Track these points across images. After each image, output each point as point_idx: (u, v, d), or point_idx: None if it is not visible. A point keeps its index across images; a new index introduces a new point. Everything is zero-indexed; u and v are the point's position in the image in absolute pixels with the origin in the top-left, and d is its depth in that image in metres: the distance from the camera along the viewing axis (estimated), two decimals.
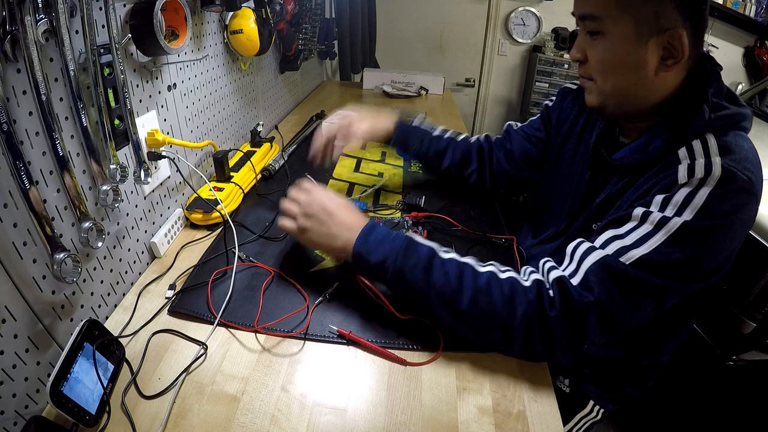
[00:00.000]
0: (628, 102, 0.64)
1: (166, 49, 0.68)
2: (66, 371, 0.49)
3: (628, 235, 0.57)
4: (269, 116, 1.45)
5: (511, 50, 2.85)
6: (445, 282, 0.60)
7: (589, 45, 0.63)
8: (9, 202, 0.48)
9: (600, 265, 0.56)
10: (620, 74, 0.62)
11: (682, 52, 0.58)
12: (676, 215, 0.54)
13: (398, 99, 1.89)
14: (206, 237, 0.86)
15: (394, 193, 1.05)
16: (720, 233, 0.54)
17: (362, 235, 0.64)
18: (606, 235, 0.59)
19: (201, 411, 0.54)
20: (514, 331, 0.57)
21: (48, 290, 0.55)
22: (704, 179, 0.54)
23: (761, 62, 2.74)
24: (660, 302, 0.57)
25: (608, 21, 0.59)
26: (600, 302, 0.55)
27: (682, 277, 0.56)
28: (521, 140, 0.94)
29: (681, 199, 0.55)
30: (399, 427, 0.53)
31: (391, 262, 0.61)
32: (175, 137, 0.85)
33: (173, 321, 0.67)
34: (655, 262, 0.54)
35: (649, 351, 0.79)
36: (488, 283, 0.59)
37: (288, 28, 1.35)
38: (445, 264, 0.61)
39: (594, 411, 0.86)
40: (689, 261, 0.55)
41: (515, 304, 0.57)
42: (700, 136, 0.58)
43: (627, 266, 0.55)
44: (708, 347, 1.36)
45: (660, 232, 0.55)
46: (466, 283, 0.59)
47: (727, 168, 0.54)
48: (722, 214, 0.53)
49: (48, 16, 0.48)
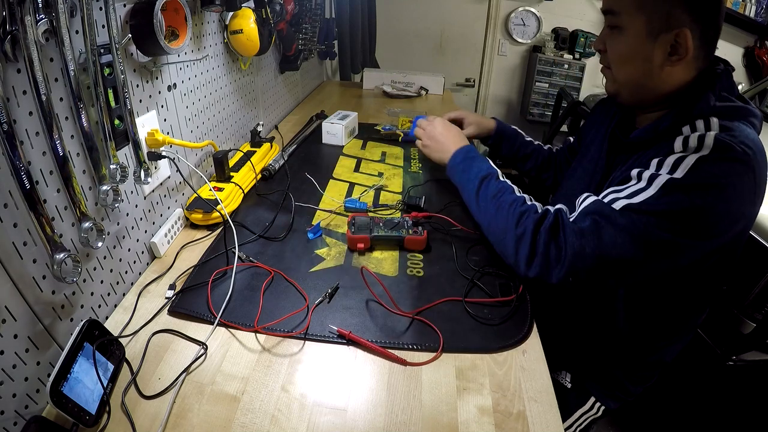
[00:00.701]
0: (638, 91, 0.71)
1: (166, 49, 0.68)
2: (66, 371, 0.49)
3: (623, 190, 0.64)
4: (269, 116, 1.45)
5: (511, 50, 2.86)
6: (490, 191, 0.78)
7: (608, 37, 0.71)
8: (9, 202, 0.48)
9: (592, 206, 0.65)
10: (631, 65, 0.69)
11: (687, 50, 0.63)
12: (668, 174, 0.60)
13: (398, 99, 1.89)
14: (206, 237, 0.86)
15: (394, 193, 1.05)
16: (709, 194, 0.57)
17: (452, 159, 0.91)
18: (607, 191, 0.67)
19: (201, 411, 0.54)
20: (512, 235, 0.70)
21: (48, 290, 0.55)
22: (697, 148, 0.60)
23: (761, 62, 2.75)
24: (647, 253, 0.61)
25: (625, 17, 0.66)
26: (583, 230, 0.63)
27: (668, 229, 0.59)
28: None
29: (673, 161, 0.60)
30: (399, 427, 0.53)
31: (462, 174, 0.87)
32: (175, 137, 0.85)
33: (173, 321, 0.67)
34: (641, 211, 0.60)
35: (656, 347, 0.80)
36: (514, 200, 0.74)
37: (288, 28, 1.35)
38: (499, 181, 0.80)
39: (594, 408, 0.86)
40: (675, 214, 0.58)
41: (522, 218, 0.70)
42: (704, 117, 0.63)
43: (615, 210, 0.62)
44: (708, 347, 1.36)
45: (651, 186, 0.60)
46: (500, 196, 0.76)
47: (721, 139, 0.59)
48: (711, 176, 0.57)
49: (48, 16, 0.48)
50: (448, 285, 0.74)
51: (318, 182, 1.05)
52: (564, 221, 0.66)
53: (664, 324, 0.78)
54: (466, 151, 0.91)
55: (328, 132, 1.31)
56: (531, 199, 0.75)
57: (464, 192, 0.85)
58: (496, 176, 0.81)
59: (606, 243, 0.61)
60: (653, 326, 0.78)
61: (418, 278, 0.76)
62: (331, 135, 1.31)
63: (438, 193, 1.04)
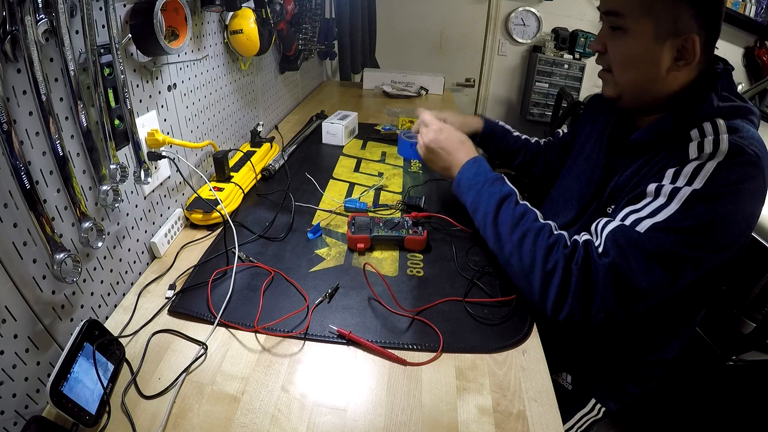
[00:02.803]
0: (641, 95, 0.69)
1: (166, 49, 0.68)
2: (66, 371, 0.49)
3: (643, 208, 0.61)
4: (269, 116, 1.45)
5: (511, 50, 2.85)
6: (510, 216, 0.70)
7: (610, 39, 0.68)
8: (9, 202, 0.48)
9: (616, 233, 0.61)
10: (636, 69, 0.66)
11: (694, 55, 0.62)
12: (687, 185, 0.58)
13: (398, 99, 1.89)
14: (206, 237, 0.86)
15: (394, 193, 1.05)
16: (729, 201, 0.57)
17: (459, 174, 0.80)
18: (624, 212, 0.64)
19: (201, 411, 0.54)
20: (541, 272, 0.63)
21: (48, 290, 0.55)
22: (713, 153, 0.58)
23: (761, 62, 2.75)
24: (676, 273, 0.59)
25: (631, 19, 0.63)
26: (615, 264, 0.59)
27: (697, 246, 0.58)
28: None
29: (690, 170, 0.59)
30: (399, 427, 0.53)
31: (475, 194, 0.76)
32: (175, 137, 0.85)
33: (173, 321, 0.67)
34: (669, 229, 0.58)
35: (657, 345, 0.80)
36: (541, 228, 0.67)
37: (288, 28, 1.35)
38: (517, 204, 0.71)
39: (595, 409, 0.86)
40: (702, 228, 0.57)
41: (552, 252, 0.64)
42: (710, 119, 0.62)
43: (640, 234, 0.59)
44: (708, 347, 1.36)
45: (672, 202, 0.58)
46: (523, 222, 0.68)
47: (735, 143, 0.58)
48: (729, 183, 0.56)
49: (48, 16, 0.48)
50: (448, 285, 0.74)
51: (318, 182, 1.05)
52: (593, 256, 0.61)
53: (664, 322, 0.78)
54: (476, 165, 0.79)
55: (328, 132, 1.31)
56: (555, 227, 0.69)
57: (477, 215, 0.75)
58: (516, 198, 0.72)
59: (636, 272, 0.58)
60: (654, 325, 0.78)
61: (418, 278, 0.76)
62: (331, 135, 1.31)
63: (438, 193, 1.04)
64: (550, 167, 1.07)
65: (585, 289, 0.60)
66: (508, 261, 0.68)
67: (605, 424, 1.44)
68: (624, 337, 0.80)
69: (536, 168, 1.10)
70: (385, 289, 0.71)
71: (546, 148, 1.10)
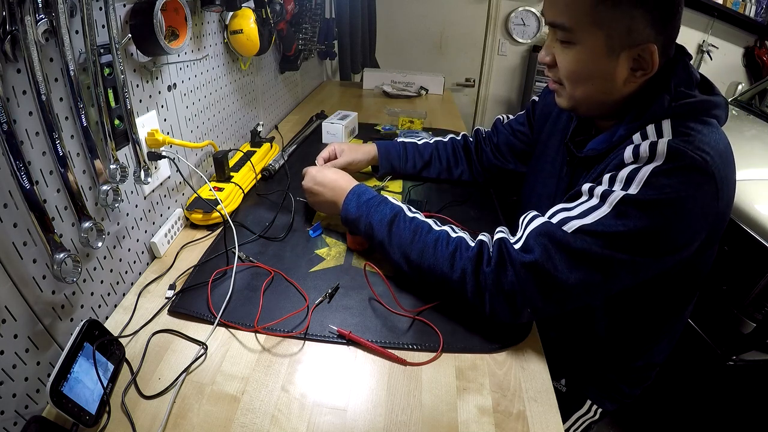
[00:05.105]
0: (597, 106, 0.65)
1: (166, 49, 0.68)
2: (66, 371, 0.49)
3: (574, 208, 0.59)
4: (269, 116, 1.45)
5: (511, 50, 2.85)
6: (402, 236, 0.68)
7: (559, 52, 0.62)
8: (9, 202, 0.48)
9: (541, 230, 0.59)
10: (590, 84, 0.62)
11: (652, 65, 0.58)
12: (622, 189, 0.55)
13: (398, 99, 1.89)
14: (206, 237, 0.86)
15: (394, 193, 1.05)
16: (669, 209, 0.53)
17: (344, 208, 0.77)
18: (555, 209, 0.61)
19: (201, 411, 0.54)
20: (453, 283, 0.63)
21: (48, 290, 0.55)
22: (649, 158, 0.55)
23: (761, 62, 2.75)
24: (606, 274, 0.57)
25: (580, 33, 0.58)
26: (537, 263, 0.57)
27: (629, 250, 0.55)
28: (507, 134, 1.00)
29: (626, 175, 0.55)
30: (399, 427, 0.53)
31: (365, 218, 0.73)
32: (175, 137, 0.85)
33: (173, 321, 0.67)
34: (597, 233, 0.55)
35: (641, 351, 0.79)
36: (437, 239, 0.66)
37: (288, 28, 1.35)
38: (407, 221, 0.70)
39: (592, 411, 0.86)
40: (635, 234, 0.54)
41: (455, 259, 0.63)
42: (657, 121, 0.58)
43: (567, 233, 0.56)
44: (708, 347, 1.36)
45: (605, 204, 0.56)
46: (417, 238, 0.67)
47: (674, 146, 0.53)
48: (669, 190, 0.52)
49: (48, 16, 0.48)
50: None
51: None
52: (510, 253, 0.60)
53: (644, 329, 0.76)
54: (357, 193, 0.76)
55: (328, 132, 1.31)
56: (454, 229, 0.68)
57: (374, 243, 0.73)
58: (403, 215, 0.70)
59: (561, 271, 0.56)
60: (633, 332, 0.76)
61: None
62: (331, 135, 1.31)
63: (438, 193, 1.04)
64: (487, 160, 1.02)
65: (502, 287, 0.59)
66: (424, 280, 0.68)
67: (605, 424, 1.44)
68: (606, 345, 0.78)
69: (459, 169, 1.05)
70: (385, 289, 0.71)
71: (480, 141, 1.04)
